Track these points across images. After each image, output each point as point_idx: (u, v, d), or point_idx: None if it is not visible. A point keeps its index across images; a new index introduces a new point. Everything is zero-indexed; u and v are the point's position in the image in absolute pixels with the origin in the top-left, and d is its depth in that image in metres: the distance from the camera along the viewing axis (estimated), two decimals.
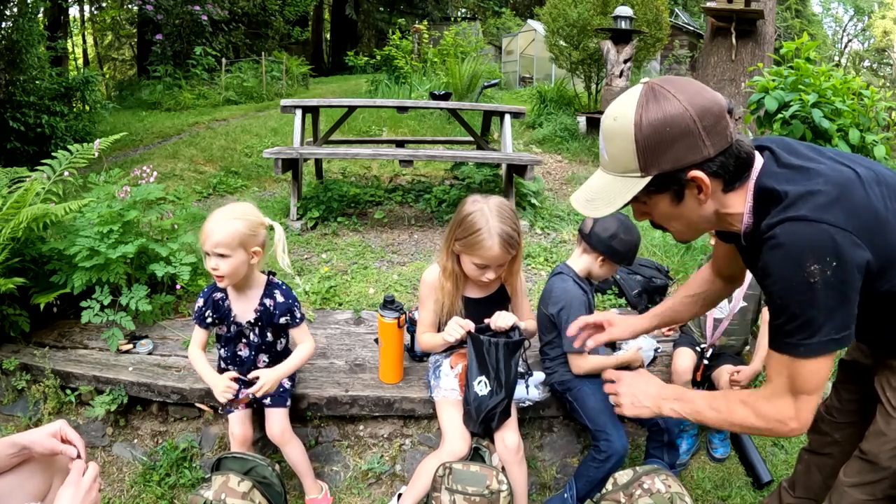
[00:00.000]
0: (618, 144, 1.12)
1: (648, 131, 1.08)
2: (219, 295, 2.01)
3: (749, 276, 1.99)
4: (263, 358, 2.11)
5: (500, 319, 1.91)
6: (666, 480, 1.71)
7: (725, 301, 2.37)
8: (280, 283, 2.07)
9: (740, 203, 1.18)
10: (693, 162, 1.09)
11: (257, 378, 2.13)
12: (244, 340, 2.07)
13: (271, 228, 1.97)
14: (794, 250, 1.08)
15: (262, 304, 2.00)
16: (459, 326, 1.88)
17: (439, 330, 2.06)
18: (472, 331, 1.90)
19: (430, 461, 1.98)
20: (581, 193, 1.23)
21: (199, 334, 2.05)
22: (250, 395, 1.95)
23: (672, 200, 1.16)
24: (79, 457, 1.40)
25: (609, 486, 1.79)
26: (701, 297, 1.67)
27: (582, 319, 1.75)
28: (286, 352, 2.19)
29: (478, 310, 2.00)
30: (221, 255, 1.84)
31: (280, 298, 2.02)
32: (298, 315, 2.06)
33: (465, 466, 1.85)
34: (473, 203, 1.86)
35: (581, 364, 2.13)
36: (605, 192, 1.17)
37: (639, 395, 1.42)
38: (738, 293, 2.34)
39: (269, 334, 2.07)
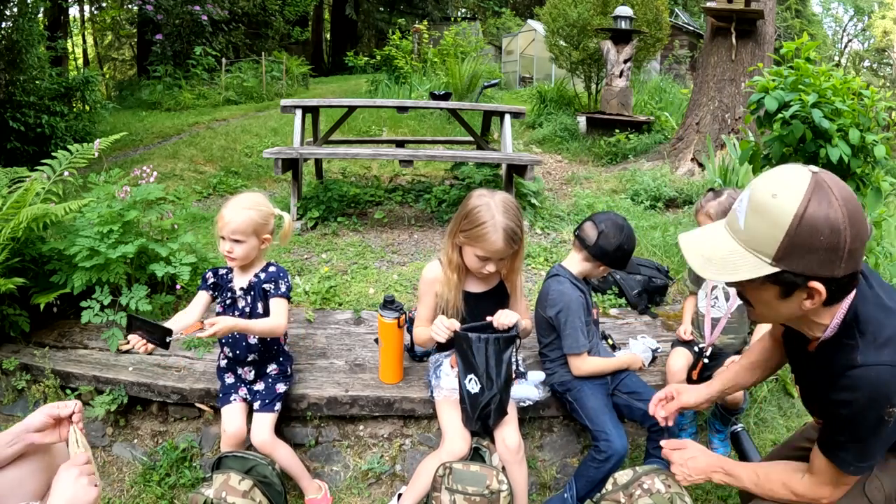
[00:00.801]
0: (765, 224, 1.09)
1: (805, 231, 1.05)
2: (223, 271, 2.16)
3: None
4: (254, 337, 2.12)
5: (503, 317, 1.90)
6: (666, 480, 1.71)
7: (723, 299, 2.37)
8: (278, 265, 2.18)
9: (830, 317, 1.20)
10: (821, 276, 1.09)
11: (254, 378, 2.14)
12: (237, 312, 2.10)
13: (280, 217, 2.15)
14: (880, 393, 1.14)
15: (256, 276, 2.12)
16: (445, 327, 1.87)
17: None
18: (458, 330, 1.88)
19: (430, 461, 1.98)
20: (697, 247, 1.21)
21: (198, 296, 2.13)
22: (202, 328, 1.91)
23: (779, 295, 1.15)
24: (72, 418, 1.42)
25: (609, 486, 1.79)
26: (760, 364, 1.71)
27: (656, 397, 1.77)
28: (277, 345, 2.20)
29: (478, 305, 2.00)
30: (236, 241, 2.00)
31: (272, 269, 2.13)
32: (283, 288, 2.10)
33: (465, 466, 1.85)
34: (479, 197, 1.88)
35: (581, 366, 2.13)
36: (729, 260, 1.14)
37: (690, 470, 1.53)
38: (734, 291, 2.33)
39: (259, 306, 2.10)
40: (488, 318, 1.92)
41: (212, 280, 2.15)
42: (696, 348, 2.40)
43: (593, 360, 2.15)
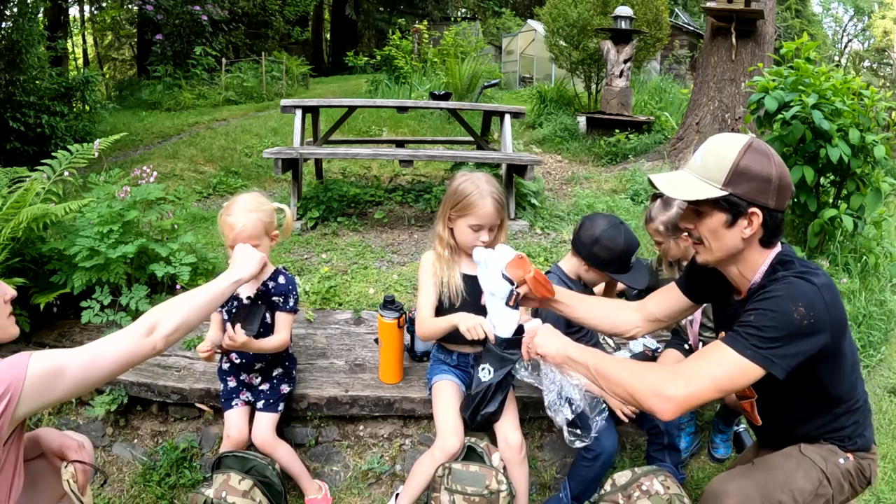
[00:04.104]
0: (717, 159, 1.38)
1: (746, 163, 1.36)
2: None
3: None
4: None
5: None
6: (665, 482, 1.71)
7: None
8: (287, 272, 2.15)
9: (761, 262, 1.44)
10: (758, 202, 1.36)
11: (258, 381, 2.14)
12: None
13: (280, 211, 2.14)
14: (796, 292, 1.33)
15: (264, 284, 2.09)
16: (483, 329, 1.80)
17: (438, 313, 2.03)
18: (492, 345, 1.80)
19: (424, 459, 1.98)
20: (665, 179, 1.46)
21: (212, 318, 2.11)
22: (221, 344, 1.94)
23: (725, 222, 1.39)
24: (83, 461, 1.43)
25: (608, 487, 1.79)
26: (610, 312, 1.80)
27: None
28: (285, 351, 2.20)
29: (475, 287, 1.99)
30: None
31: (281, 281, 2.10)
32: (291, 302, 2.09)
33: (464, 466, 1.85)
34: (462, 176, 2.02)
35: None
36: (689, 185, 1.40)
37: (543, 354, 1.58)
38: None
39: (268, 317, 2.08)
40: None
41: None
42: (686, 346, 2.41)
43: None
